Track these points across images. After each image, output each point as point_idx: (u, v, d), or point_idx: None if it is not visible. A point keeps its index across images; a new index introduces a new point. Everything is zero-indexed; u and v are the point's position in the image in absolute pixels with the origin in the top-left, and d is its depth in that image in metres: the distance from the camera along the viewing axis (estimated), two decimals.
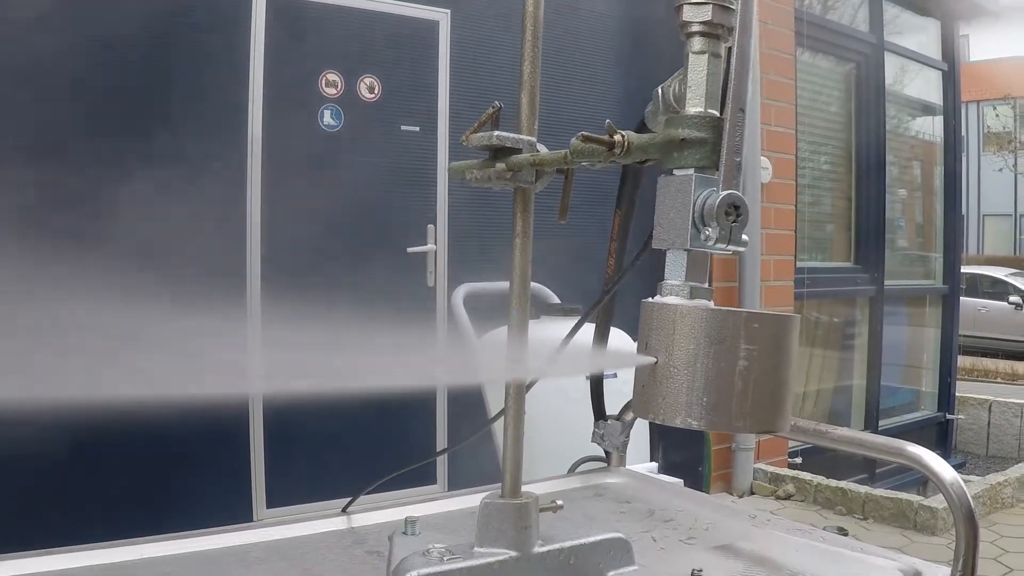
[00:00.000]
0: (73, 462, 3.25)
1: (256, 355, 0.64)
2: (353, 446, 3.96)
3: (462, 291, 3.66)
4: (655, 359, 0.70)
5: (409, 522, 1.08)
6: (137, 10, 3.52)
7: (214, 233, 3.71)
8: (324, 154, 3.98)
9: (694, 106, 0.72)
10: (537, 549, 0.95)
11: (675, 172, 0.72)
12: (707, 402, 0.68)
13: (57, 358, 0.56)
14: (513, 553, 0.94)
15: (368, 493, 1.32)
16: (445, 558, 0.92)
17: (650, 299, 0.72)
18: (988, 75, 23.20)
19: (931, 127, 8.03)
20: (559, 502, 1.01)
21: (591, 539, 1.00)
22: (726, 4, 0.72)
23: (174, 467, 3.56)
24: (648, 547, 1.24)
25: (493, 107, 0.90)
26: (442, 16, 4.28)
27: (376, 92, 4.10)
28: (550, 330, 2.81)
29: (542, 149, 0.90)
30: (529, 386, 1.00)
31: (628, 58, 5.12)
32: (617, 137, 0.73)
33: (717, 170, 0.70)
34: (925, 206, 8.12)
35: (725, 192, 0.68)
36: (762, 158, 5.34)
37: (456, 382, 0.88)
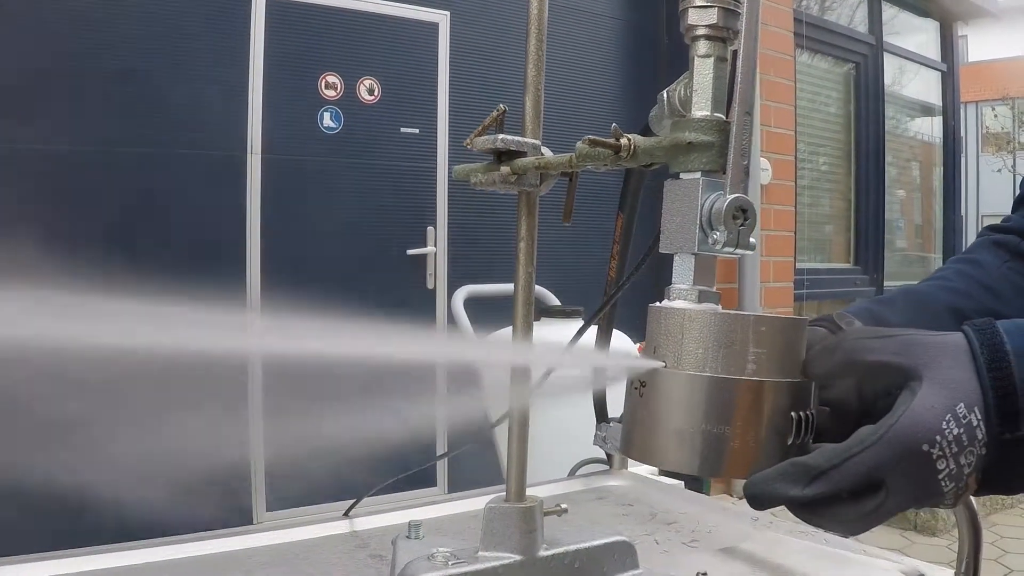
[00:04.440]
0: (64, 464, 3.23)
1: (254, 357, 0.64)
2: (351, 449, 3.96)
3: (462, 293, 3.65)
4: (663, 363, 0.70)
5: (413, 526, 1.08)
6: (137, 12, 3.52)
7: (213, 233, 3.71)
8: (324, 156, 3.98)
9: (700, 110, 0.72)
10: (542, 553, 0.95)
11: (682, 176, 0.72)
12: None
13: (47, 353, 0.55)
14: (518, 557, 0.93)
15: (372, 496, 1.32)
16: (450, 562, 0.92)
17: (658, 303, 0.72)
18: (987, 76, 23.19)
19: (930, 128, 8.04)
20: (564, 505, 1.01)
21: (596, 542, 1.00)
22: (732, 7, 0.72)
23: (169, 467, 3.54)
24: (651, 550, 1.24)
25: (498, 110, 0.89)
26: (442, 18, 4.28)
27: (376, 94, 4.10)
28: (551, 332, 2.80)
29: (546, 152, 0.90)
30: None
31: (629, 62, 5.12)
32: (623, 141, 0.73)
33: (724, 173, 0.70)
34: (924, 207, 8.12)
35: (733, 195, 0.68)
36: (761, 160, 5.33)
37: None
